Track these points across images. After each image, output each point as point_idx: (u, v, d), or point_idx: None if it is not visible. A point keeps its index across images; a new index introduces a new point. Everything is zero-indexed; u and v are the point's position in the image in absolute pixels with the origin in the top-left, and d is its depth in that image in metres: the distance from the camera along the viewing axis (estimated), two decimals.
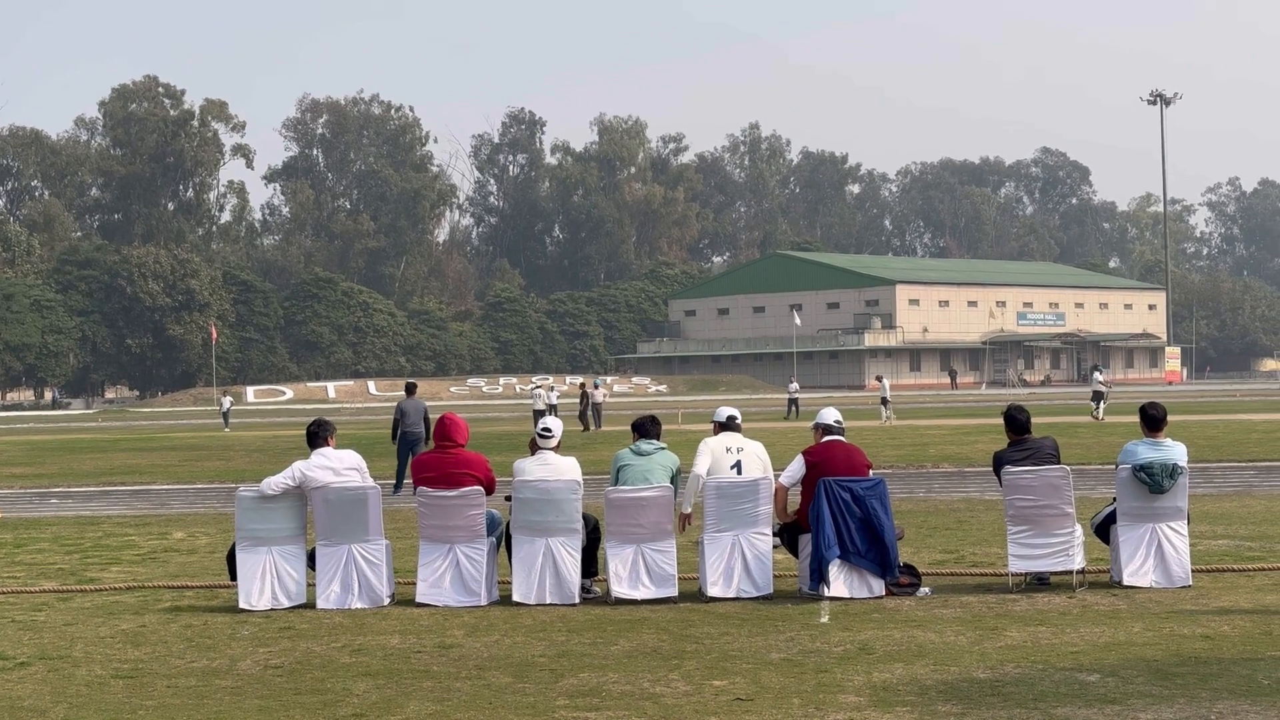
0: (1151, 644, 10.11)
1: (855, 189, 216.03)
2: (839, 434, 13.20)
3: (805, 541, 12.73)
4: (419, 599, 12.61)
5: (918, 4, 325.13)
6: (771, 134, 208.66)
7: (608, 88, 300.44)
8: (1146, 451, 12.78)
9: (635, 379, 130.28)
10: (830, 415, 13.31)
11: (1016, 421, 13.20)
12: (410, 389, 27.86)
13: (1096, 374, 54.43)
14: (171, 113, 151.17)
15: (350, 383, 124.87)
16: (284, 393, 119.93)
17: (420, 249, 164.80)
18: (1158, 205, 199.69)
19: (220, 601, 13.05)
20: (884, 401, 53.30)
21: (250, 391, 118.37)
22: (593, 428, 49.40)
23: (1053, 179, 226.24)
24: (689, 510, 13.00)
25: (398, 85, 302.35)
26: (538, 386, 54.94)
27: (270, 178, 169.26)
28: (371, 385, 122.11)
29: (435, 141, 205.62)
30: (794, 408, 61.06)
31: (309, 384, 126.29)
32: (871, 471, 13.05)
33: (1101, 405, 50.33)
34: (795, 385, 65.42)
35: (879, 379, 58.77)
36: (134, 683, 9.49)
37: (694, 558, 13.20)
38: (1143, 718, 7.99)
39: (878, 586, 12.50)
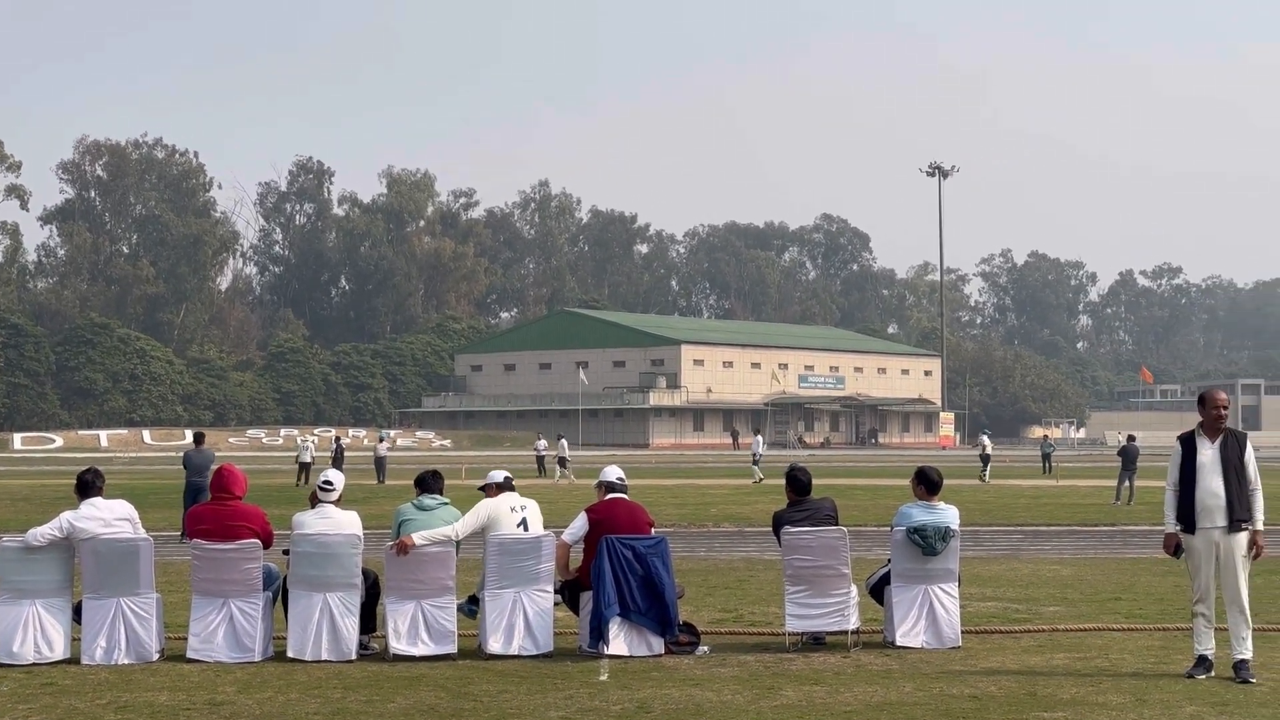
0: (922, 704, 10.31)
1: (643, 249, 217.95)
2: (622, 492, 13.26)
3: (586, 599, 12.74)
4: (190, 654, 12.28)
5: (707, 71, 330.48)
6: (561, 191, 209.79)
7: (398, 140, 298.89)
8: (920, 514, 13.07)
9: (419, 433, 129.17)
10: (613, 473, 13.37)
11: (798, 482, 13.40)
12: (199, 439, 27.24)
13: (984, 437, 54.92)
14: None
15: (124, 431, 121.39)
16: (54, 440, 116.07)
17: (201, 296, 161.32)
18: (934, 274, 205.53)
19: None
20: (755, 460, 52.65)
21: (18, 438, 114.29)
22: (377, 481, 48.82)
23: (834, 245, 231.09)
24: (414, 540, 12.48)
25: (181, 129, 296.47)
26: (305, 440, 53.91)
27: (46, 219, 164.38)
28: (147, 434, 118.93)
29: (220, 187, 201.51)
30: (543, 466, 58.32)
31: (80, 432, 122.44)
32: (654, 530, 13.12)
33: (988, 469, 50.88)
34: (543, 443, 61.83)
35: (755, 433, 58.72)
36: None
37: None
38: None
39: (657, 645, 12.55)
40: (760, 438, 54.33)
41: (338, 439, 58.57)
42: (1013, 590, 17.46)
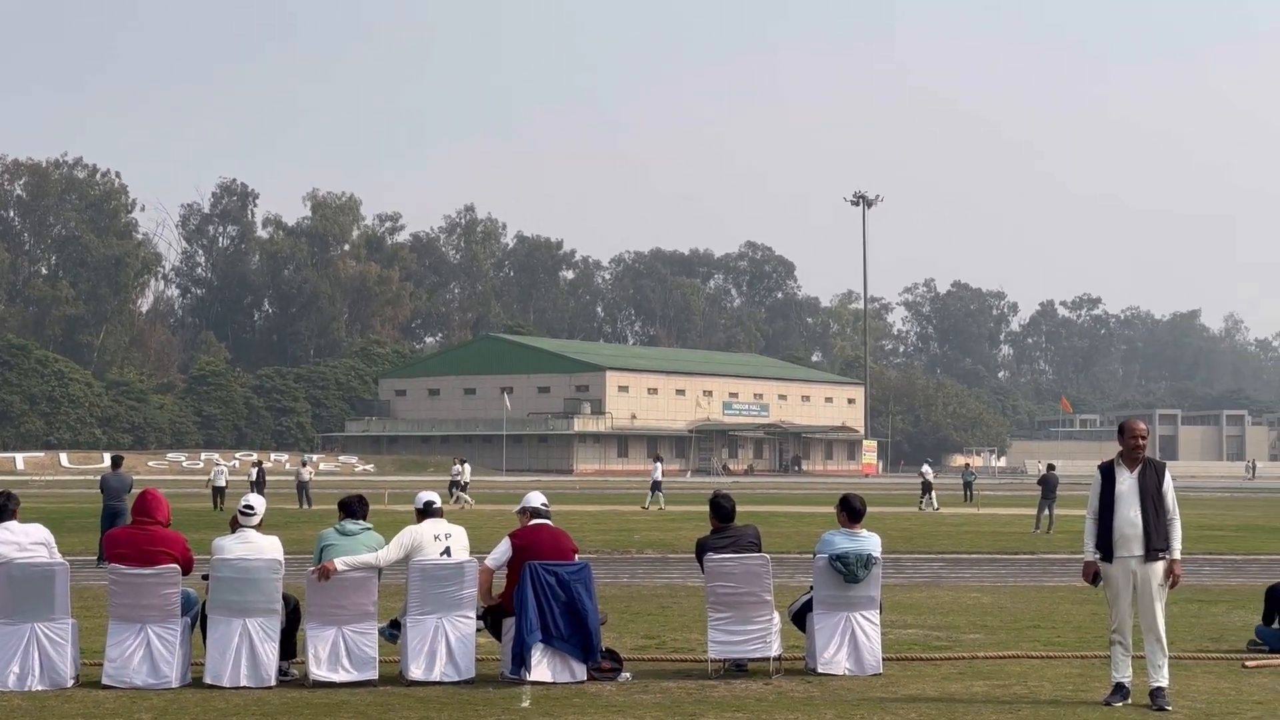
0: None
1: (569, 275, 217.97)
2: (546, 518, 13.24)
3: (509, 625, 12.69)
4: (105, 680, 12.12)
5: (634, 100, 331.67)
6: (487, 216, 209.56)
7: (323, 163, 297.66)
8: (843, 541, 13.13)
9: (342, 458, 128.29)
10: (536, 499, 13.36)
11: (723, 509, 13.42)
12: (116, 462, 26.90)
13: (926, 466, 54.08)
14: None
15: (41, 454, 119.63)
16: None
17: (122, 318, 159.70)
18: (858, 303, 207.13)
19: None
20: (655, 487, 50.27)
21: None
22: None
23: (759, 273, 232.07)
24: (336, 566, 12.38)
25: (103, 150, 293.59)
26: (219, 464, 53.20)
27: None
28: (64, 457, 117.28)
29: (142, 209, 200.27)
30: (454, 490, 55.81)
31: None
32: (577, 556, 13.10)
33: (930, 496, 50.19)
34: (457, 468, 58.54)
35: (655, 460, 54.06)
36: None
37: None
38: None
39: (580, 671, 12.52)
40: (660, 465, 52.07)
41: (258, 463, 58.06)
42: (933, 618, 17.56)
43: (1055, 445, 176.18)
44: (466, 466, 56.80)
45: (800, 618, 13.45)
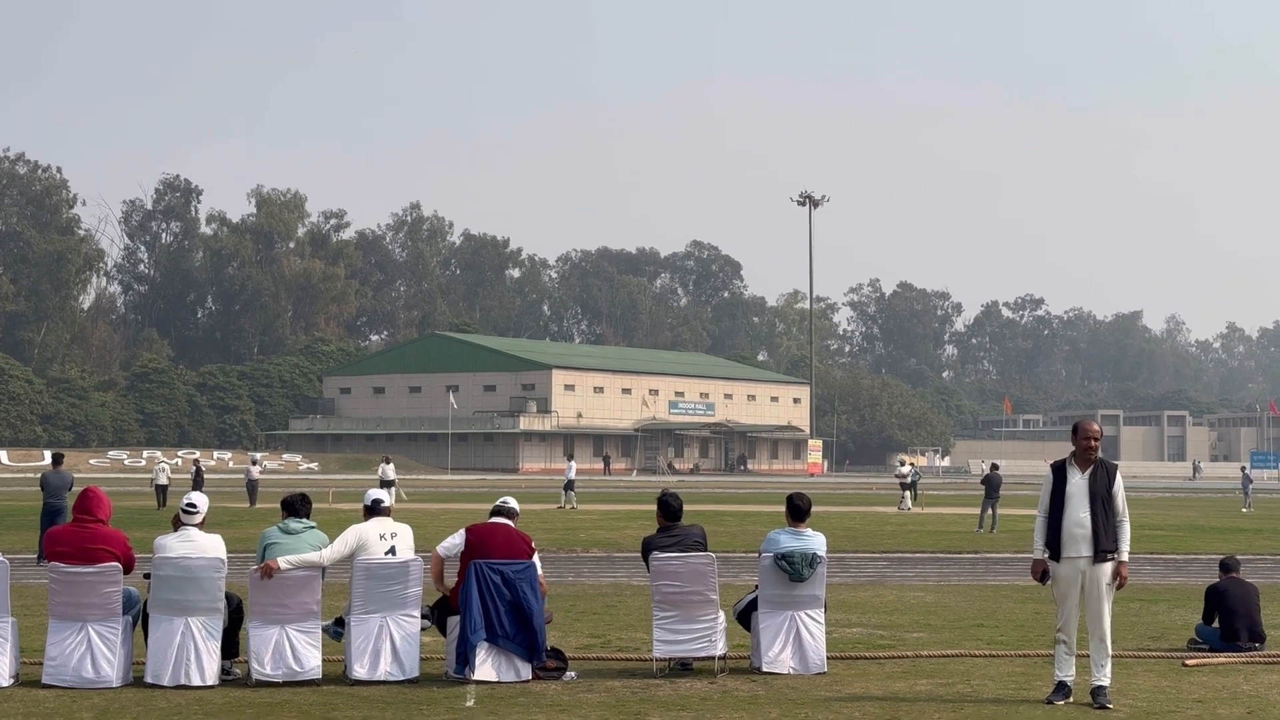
0: None
1: (515, 273, 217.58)
2: (508, 517, 13.26)
3: (454, 624, 12.66)
4: (45, 680, 12.01)
5: (581, 98, 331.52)
6: (433, 214, 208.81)
7: (268, 160, 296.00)
8: (788, 540, 13.16)
9: (286, 456, 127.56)
10: (507, 500, 13.47)
11: (670, 508, 13.42)
12: (57, 459, 26.65)
13: (905, 466, 52.04)
14: None
15: None
16: None
17: (63, 315, 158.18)
18: (804, 302, 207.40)
19: None
20: (568, 487, 49.90)
21: None
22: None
23: (706, 272, 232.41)
24: (279, 565, 12.30)
25: (45, 145, 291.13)
26: (161, 462, 52.28)
27: None
28: (3, 455, 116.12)
29: (84, 204, 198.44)
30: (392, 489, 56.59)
31: None
32: (535, 554, 13.07)
33: (909, 495, 49.07)
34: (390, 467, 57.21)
35: (568, 458, 54.07)
36: None
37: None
38: None
39: (525, 670, 12.51)
40: (574, 463, 51.72)
41: (197, 461, 57.62)
42: (878, 616, 17.64)
43: (999, 445, 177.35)
44: (386, 467, 55.18)
45: (745, 616, 13.47)
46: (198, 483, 49.88)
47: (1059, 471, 11.77)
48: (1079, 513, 11.52)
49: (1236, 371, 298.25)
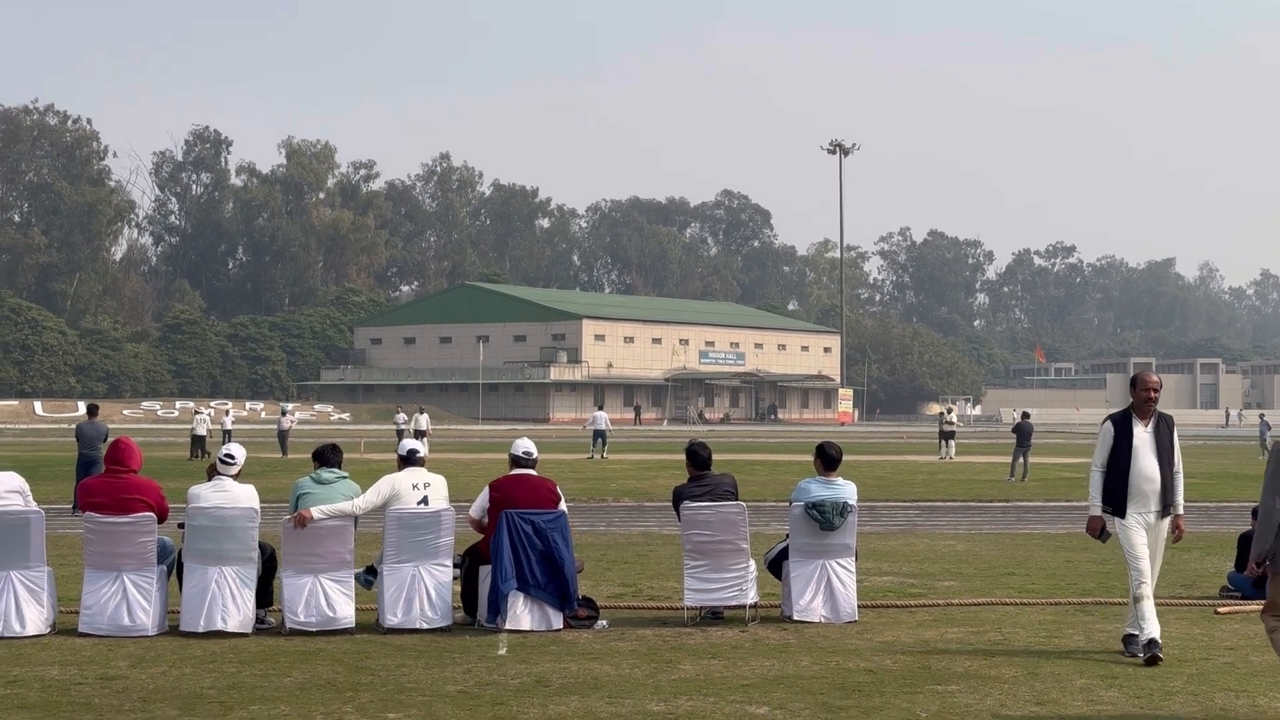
0: (819, 677, 10.39)
1: (545, 223, 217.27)
2: (529, 466, 13.22)
3: (486, 573, 12.71)
4: (81, 628, 12.12)
5: (610, 48, 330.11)
6: (463, 164, 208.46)
7: (297, 111, 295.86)
8: (819, 489, 13.15)
9: (318, 406, 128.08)
10: (521, 446, 13.28)
11: (699, 457, 13.41)
12: (92, 410, 26.84)
13: (951, 413, 51.49)
14: None
15: (15, 402, 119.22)
16: None
17: (95, 266, 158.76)
18: (834, 251, 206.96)
19: None
20: (599, 436, 49.81)
21: None
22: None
23: (736, 222, 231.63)
24: (312, 514, 12.38)
25: (76, 96, 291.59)
26: (199, 411, 52.27)
27: None
28: (38, 406, 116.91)
29: (115, 156, 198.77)
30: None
31: None
32: (562, 505, 13.06)
33: (951, 444, 48.71)
34: (402, 416, 58.48)
35: (597, 408, 52.85)
36: None
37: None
38: None
39: (556, 619, 12.55)
40: (603, 414, 50.44)
41: (227, 412, 58.07)
42: (908, 565, 17.64)
43: (1030, 394, 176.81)
44: (422, 416, 55.34)
45: (776, 565, 13.48)
46: (228, 433, 50.37)
47: (1122, 424, 11.40)
48: (1148, 467, 11.21)
49: (1270, 319, 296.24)
